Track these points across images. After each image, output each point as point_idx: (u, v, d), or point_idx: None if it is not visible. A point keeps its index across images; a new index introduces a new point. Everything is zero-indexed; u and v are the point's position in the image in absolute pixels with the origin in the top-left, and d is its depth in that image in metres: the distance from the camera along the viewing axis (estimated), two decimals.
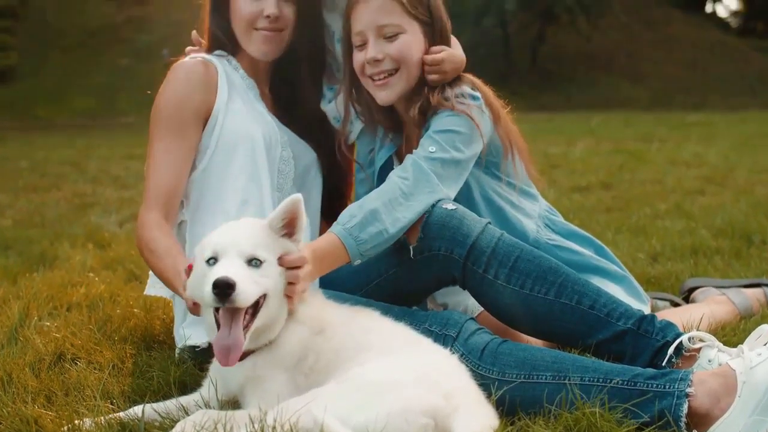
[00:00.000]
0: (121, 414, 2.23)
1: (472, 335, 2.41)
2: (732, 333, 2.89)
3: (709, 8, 42.76)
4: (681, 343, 2.37)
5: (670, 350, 2.36)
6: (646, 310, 2.88)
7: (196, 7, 3.09)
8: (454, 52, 2.88)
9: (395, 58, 2.77)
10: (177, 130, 2.81)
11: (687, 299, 3.41)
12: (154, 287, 2.97)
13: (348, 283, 2.64)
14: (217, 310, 2.14)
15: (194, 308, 2.34)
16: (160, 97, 2.87)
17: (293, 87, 3.10)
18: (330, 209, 3.14)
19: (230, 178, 2.84)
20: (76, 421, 2.17)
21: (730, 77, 30.10)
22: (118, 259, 4.56)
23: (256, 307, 2.15)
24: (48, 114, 23.98)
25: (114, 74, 26.42)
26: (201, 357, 2.68)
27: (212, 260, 2.16)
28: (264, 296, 2.16)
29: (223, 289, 2.03)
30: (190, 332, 2.77)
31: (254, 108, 2.96)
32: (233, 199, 2.83)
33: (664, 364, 2.36)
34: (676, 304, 3.33)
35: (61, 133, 18.43)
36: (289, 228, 2.26)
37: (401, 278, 2.65)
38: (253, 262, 2.16)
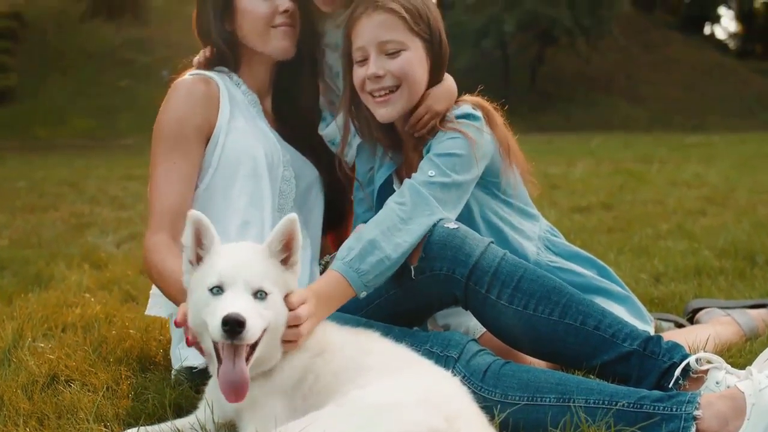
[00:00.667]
0: None
1: (474, 357, 2.37)
2: (738, 354, 2.85)
3: (707, 30, 42.97)
4: (688, 364, 2.32)
5: (677, 372, 2.31)
6: (650, 331, 2.84)
7: None
8: (441, 87, 2.83)
9: (397, 74, 2.72)
10: (180, 147, 2.77)
11: (691, 320, 3.37)
12: (154, 308, 2.93)
13: (348, 304, 2.58)
14: None
15: (192, 340, 2.25)
16: (161, 116, 2.84)
17: (295, 96, 3.08)
18: (332, 223, 3.11)
19: (232, 199, 2.81)
20: None
21: (729, 99, 30.20)
22: (114, 280, 4.52)
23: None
24: (47, 135, 24.00)
25: (113, 95, 26.48)
26: (197, 378, 2.64)
27: (216, 289, 2.09)
28: (265, 329, 2.10)
29: (234, 326, 1.97)
30: (187, 353, 2.73)
31: (256, 125, 2.93)
32: (234, 220, 2.79)
33: (671, 386, 2.31)
34: (680, 325, 3.30)
35: (60, 153, 18.42)
36: (287, 250, 2.21)
37: (402, 299, 2.61)
38: (259, 294, 2.10)
